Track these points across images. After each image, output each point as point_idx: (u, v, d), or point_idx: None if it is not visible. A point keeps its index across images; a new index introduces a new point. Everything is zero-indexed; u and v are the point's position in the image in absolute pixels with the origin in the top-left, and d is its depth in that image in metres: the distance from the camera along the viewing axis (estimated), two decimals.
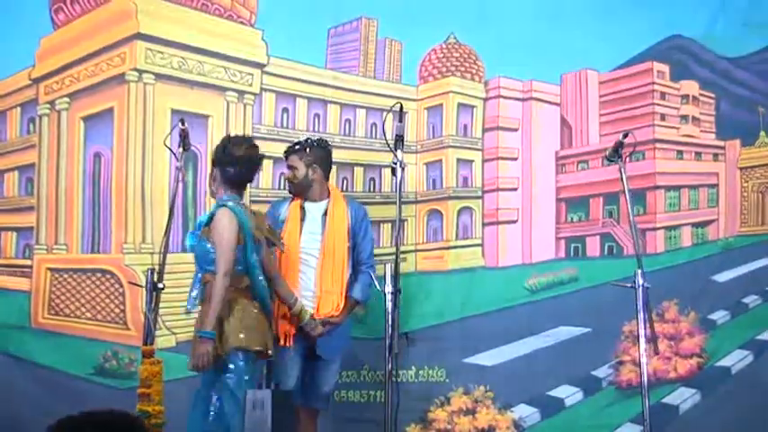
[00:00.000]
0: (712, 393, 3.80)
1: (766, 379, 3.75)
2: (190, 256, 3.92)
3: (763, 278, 3.92)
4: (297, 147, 3.37)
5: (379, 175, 4.09)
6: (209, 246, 2.90)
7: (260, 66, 4.04)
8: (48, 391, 3.72)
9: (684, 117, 4.11)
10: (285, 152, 3.42)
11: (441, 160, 4.15)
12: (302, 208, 3.37)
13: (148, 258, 3.75)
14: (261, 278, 2.94)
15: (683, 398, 3.80)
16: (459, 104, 4.16)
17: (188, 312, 3.13)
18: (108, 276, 3.95)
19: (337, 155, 4.05)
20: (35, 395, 3.71)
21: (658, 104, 4.07)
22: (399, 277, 2.72)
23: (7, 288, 3.92)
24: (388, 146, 2.79)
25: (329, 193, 3.41)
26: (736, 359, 3.83)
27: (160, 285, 2.77)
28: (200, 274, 2.95)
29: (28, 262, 3.97)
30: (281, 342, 3.21)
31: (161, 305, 2.88)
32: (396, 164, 2.78)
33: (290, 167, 3.37)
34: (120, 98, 3.95)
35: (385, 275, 2.71)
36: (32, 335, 3.89)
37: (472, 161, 4.13)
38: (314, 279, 3.28)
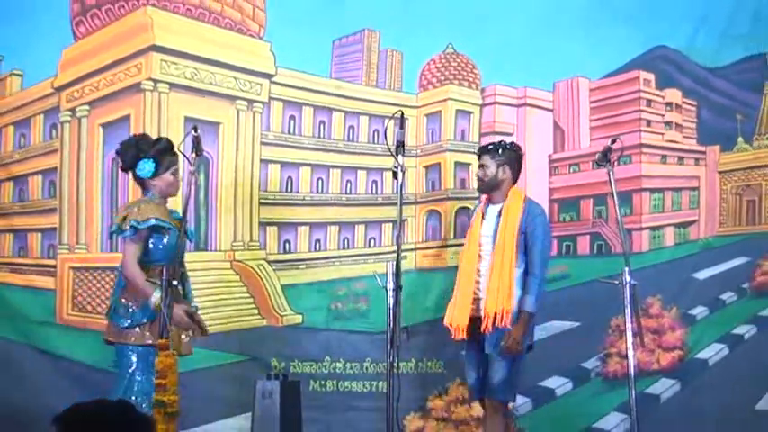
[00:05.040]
0: (691, 384, 3.91)
1: (741, 370, 3.86)
2: (202, 255, 4.10)
3: (739, 276, 4.03)
4: (490, 147, 3.39)
5: (381, 178, 4.22)
6: None
7: (268, 76, 4.16)
8: (72, 382, 3.86)
9: (668, 123, 4.22)
10: (478, 152, 3.44)
11: (439, 164, 4.27)
12: (482, 213, 3.38)
13: None
14: None
15: (665, 388, 3.91)
16: (457, 111, 4.28)
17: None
18: None
19: (341, 159, 4.22)
20: (60, 386, 3.83)
21: (644, 111, 4.18)
22: (400, 274, 2.79)
23: (35, 286, 4.06)
24: (390, 151, 2.85)
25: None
26: (713, 352, 3.95)
27: (174, 282, 2.85)
28: None
29: (53, 261, 4.11)
30: (454, 336, 3.28)
31: None
32: (397, 168, 2.84)
33: (481, 166, 3.37)
34: (137, 106, 4.07)
35: (387, 273, 2.79)
36: (57, 330, 4.03)
37: (469, 164, 4.23)
38: (484, 280, 3.27)
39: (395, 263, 2.80)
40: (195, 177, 3.16)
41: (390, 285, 2.80)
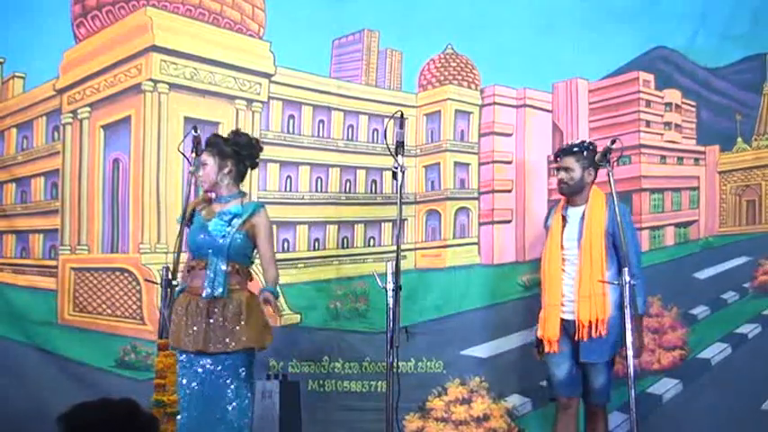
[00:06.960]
0: (693, 383, 3.90)
1: (743, 370, 3.85)
2: None
3: (740, 275, 4.01)
4: (574, 149, 3.30)
5: (380, 178, 4.23)
6: (247, 240, 3.14)
7: (268, 75, 4.19)
8: (73, 382, 3.90)
9: (668, 124, 4.21)
10: (558, 153, 3.35)
11: (439, 163, 4.29)
12: (563, 216, 3.33)
13: (163, 258, 3.90)
14: None
15: (666, 388, 3.91)
16: (457, 111, 4.29)
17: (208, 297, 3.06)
18: (126, 275, 4.13)
19: (341, 159, 4.23)
20: (62, 386, 3.88)
21: (644, 112, 4.18)
22: (400, 274, 2.80)
23: (37, 287, 4.10)
24: (390, 151, 2.87)
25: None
26: (715, 351, 3.94)
27: (174, 283, 2.85)
28: (223, 265, 3.10)
29: (54, 262, 4.15)
30: (547, 349, 3.27)
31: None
32: (396, 168, 2.86)
33: (565, 169, 3.29)
34: (137, 107, 4.11)
35: (386, 273, 2.80)
36: (59, 330, 4.07)
37: (469, 164, 4.27)
38: (573, 285, 3.23)
39: (394, 263, 2.81)
40: (195, 178, 3.16)
41: (390, 285, 2.80)
